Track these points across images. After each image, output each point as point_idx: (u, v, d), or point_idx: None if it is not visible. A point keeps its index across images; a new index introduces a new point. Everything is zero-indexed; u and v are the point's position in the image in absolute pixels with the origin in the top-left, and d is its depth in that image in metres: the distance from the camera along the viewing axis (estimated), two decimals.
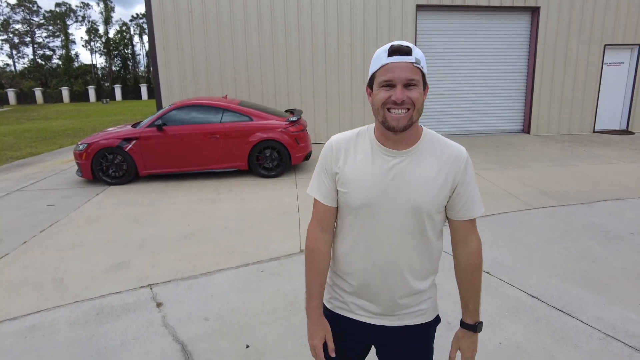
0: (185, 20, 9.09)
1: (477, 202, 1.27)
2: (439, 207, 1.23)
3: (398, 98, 1.13)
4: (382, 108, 1.17)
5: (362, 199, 1.23)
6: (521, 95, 10.63)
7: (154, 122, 6.50)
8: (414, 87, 1.15)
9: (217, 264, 3.77)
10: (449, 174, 1.22)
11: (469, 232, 1.30)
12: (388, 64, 1.15)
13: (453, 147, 1.26)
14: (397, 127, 1.16)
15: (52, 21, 57.03)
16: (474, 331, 1.34)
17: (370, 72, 1.22)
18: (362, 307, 1.34)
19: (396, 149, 1.22)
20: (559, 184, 5.99)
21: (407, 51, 1.14)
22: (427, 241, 1.27)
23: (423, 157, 1.23)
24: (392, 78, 1.14)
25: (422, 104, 1.19)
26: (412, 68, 1.14)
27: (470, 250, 1.30)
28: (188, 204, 5.56)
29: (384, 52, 1.17)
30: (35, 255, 4.08)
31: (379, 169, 1.23)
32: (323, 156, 1.32)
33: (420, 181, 1.21)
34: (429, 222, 1.24)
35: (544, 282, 3.25)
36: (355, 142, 1.29)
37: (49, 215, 5.26)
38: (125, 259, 3.94)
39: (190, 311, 3.04)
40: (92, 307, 3.15)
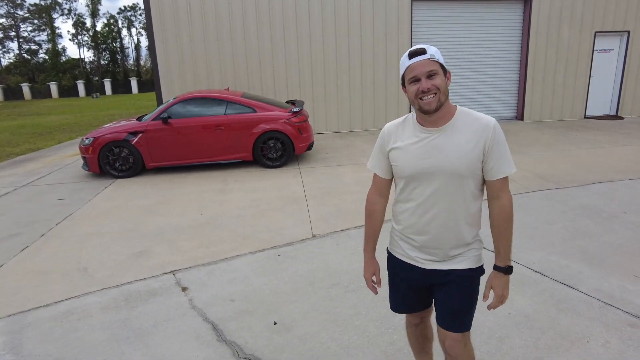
0: (184, 13, 9.13)
1: (507, 162, 1.51)
2: (474, 170, 1.49)
3: (424, 87, 1.45)
4: (416, 98, 1.49)
5: (409, 169, 1.55)
6: (514, 82, 10.85)
7: (160, 115, 6.61)
8: (435, 75, 1.46)
9: (235, 249, 3.94)
10: (479, 141, 1.48)
11: (500, 189, 1.54)
12: (410, 64, 1.48)
13: (482, 118, 1.51)
14: (430, 109, 1.47)
15: (37, 14, 55.94)
16: (504, 273, 1.58)
17: (401, 74, 1.55)
18: (418, 255, 1.64)
19: (433, 127, 1.53)
20: (554, 168, 6.23)
21: (422, 51, 1.47)
22: (467, 200, 1.53)
23: (456, 130, 1.50)
24: (416, 74, 1.47)
25: (447, 87, 1.49)
26: (429, 62, 1.46)
27: (502, 204, 1.55)
28: (198, 194, 5.71)
29: (405, 57, 1.50)
30: (56, 246, 4.21)
31: (420, 144, 1.53)
32: (379, 138, 1.68)
33: (454, 150, 1.48)
34: (467, 184, 1.51)
35: (545, 258, 3.48)
36: (402, 126, 1.62)
37: (62, 208, 5.37)
38: (145, 248, 4.09)
39: (215, 293, 3.21)
40: (120, 293, 3.30)
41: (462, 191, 1.52)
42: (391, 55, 9.97)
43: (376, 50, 9.89)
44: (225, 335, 2.70)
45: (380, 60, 9.96)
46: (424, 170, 1.52)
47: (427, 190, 1.54)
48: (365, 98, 10.05)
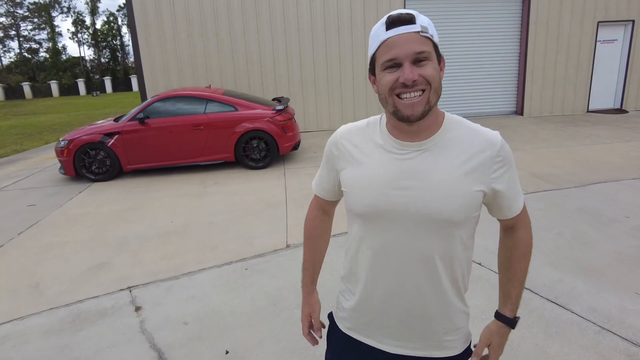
0: (167, 8, 8.80)
1: (520, 192, 1.07)
2: (471, 212, 0.98)
3: (407, 78, 0.89)
4: (391, 95, 0.93)
5: (367, 204, 1.01)
6: (513, 76, 10.45)
7: (136, 116, 6.31)
8: (426, 61, 0.91)
9: (200, 262, 3.64)
10: (480, 168, 0.97)
11: (516, 219, 1.10)
12: (388, 39, 0.91)
13: (483, 133, 1.00)
14: (412, 115, 0.92)
15: (37, 13, 55.78)
16: (511, 326, 1.15)
17: (370, 54, 0.98)
18: (370, 330, 1.13)
19: (411, 140, 0.99)
20: (552, 166, 5.88)
21: (409, 19, 0.90)
22: (453, 256, 1.03)
23: (446, 149, 0.98)
24: (396, 55, 0.90)
25: (440, 81, 0.95)
26: (419, 39, 0.90)
27: (519, 237, 1.11)
28: (173, 198, 5.41)
29: (381, 25, 0.93)
30: (13, 259, 3.94)
31: (390, 166, 1.00)
32: (327, 150, 1.16)
33: (442, 180, 0.96)
34: (456, 232, 1.00)
35: (536, 271, 3.15)
36: (363, 134, 1.08)
37: (29, 215, 5.10)
38: (105, 259, 3.81)
39: (169, 314, 2.92)
40: (68, 314, 3.02)
41: (450, 245, 1.00)
42: None
43: (368, 43, 9.50)
44: None
45: None
46: (392, 207, 0.99)
47: (392, 239, 1.01)
48: (357, 94, 9.69)
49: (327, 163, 1.17)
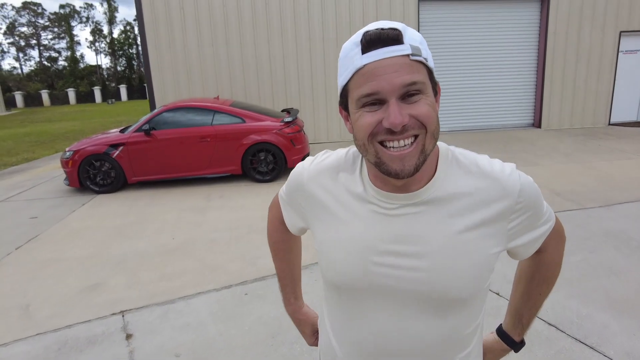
0: (177, 18, 8.75)
1: (547, 223, 0.83)
2: (482, 282, 0.76)
3: (394, 123, 0.65)
4: (371, 142, 0.70)
5: (344, 276, 0.78)
6: (531, 87, 10.13)
7: (142, 127, 6.19)
8: (419, 95, 0.68)
9: (198, 285, 3.44)
10: (493, 224, 0.74)
11: (546, 240, 0.86)
12: (366, 66, 0.67)
13: (497, 176, 0.74)
14: (402, 171, 0.68)
15: (57, 23, 57.21)
16: (514, 350, 0.99)
17: (340, 83, 0.73)
18: None
19: (400, 191, 0.75)
20: (574, 183, 5.56)
21: (394, 37, 0.66)
22: (462, 337, 0.80)
23: (446, 201, 0.74)
24: (377, 89, 0.66)
25: (437, 120, 0.71)
26: (408, 65, 0.66)
27: (544, 259, 0.89)
28: (176, 213, 5.24)
29: (354, 46, 0.69)
30: (7, 276, 3.79)
31: (373, 225, 0.76)
32: (290, 193, 0.90)
33: (444, 246, 0.73)
34: (465, 310, 0.78)
35: (561, 304, 2.87)
36: (338, 177, 0.81)
37: (29, 228, 4.98)
38: (100, 279, 3.63)
39: (161, 344, 2.71)
40: (56, 340, 2.84)
41: (457, 326, 0.78)
42: None
43: None
44: None
45: None
46: (377, 284, 0.76)
47: (376, 320, 0.79)
48: None
49: (291, 205, 0.91)
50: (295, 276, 1.11)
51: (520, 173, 0.77)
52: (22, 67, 59.81)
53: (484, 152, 7.58)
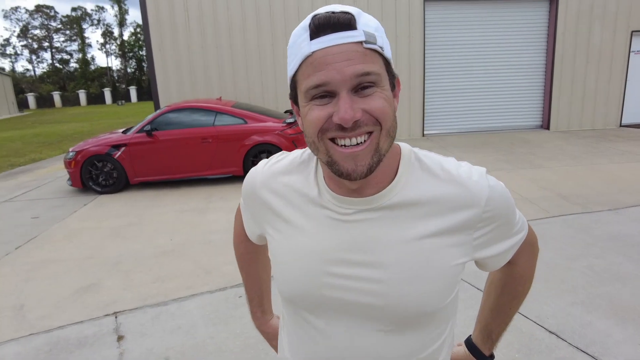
0: (181, 20, 8.77)
1: (518, 233, 0.77)
2: (446, 294, 0.69)
3: (345, 118, 0.58)
4: (321, 139, 0.63)
5: (296, 288, 0.72)
6: (539, 88, 9.97)
7: (144, 128, 6.19)
8: (373, 87, 0.61)
9: (192, 287, 3.40)
10: (457, 233, 0.68)
11: (517, 252, 0.79)
12: (314, 53, 0.60)
13: (463, 182, 0.68)
14: (354, 171, 0.62)
15: (69, 26, 58.02)
16: None
17: (289, 73, 0.66)
18: None
19: (357, 195, 0.69)
20: (581, 186, 5.43)
21: (345, 22, 0.59)
22: (426, 357, 0.74)
23: (407, 207, 0.68)
24: (326, 80, 0.59)
25: (394, 116, 0.64)
26: (361, 53, 0.59)
27: (517, 271, 0.83)
28: (175, 214, 5.22)
29: (303, 31, 0.62)
30: (3, 276, 3.79)
31: (328, 232, 0.69)
32: (246, 198, 0.83)
33: (403, 255, 0.66)
34: (430, 324, 0.71)
35: (563, 311, 2.77)
36: (292, 181, 0.75)
37: (30, 228, 4.99)
38: (96, 280, 3.61)
39: (151, 347, 2.67)
40: (47, 341, 2.81)
41: (420, 341, 0.72)
42: (402, 60, 9.30)
43: None
44: None
45: None
46: (331, 297, 0.70)
47: (333, 344, 0.72)
48: None
49: (248, 211, 0.85)
50: (263, 289, 1.04)
51: (490, 178, 0.70)
52: (34, 69, 60.74)
53: (488, 154, 7.47)
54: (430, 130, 10.01)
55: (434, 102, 9.87)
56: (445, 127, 10.06)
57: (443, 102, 9.89)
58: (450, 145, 8.67)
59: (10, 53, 60.88)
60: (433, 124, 10.00)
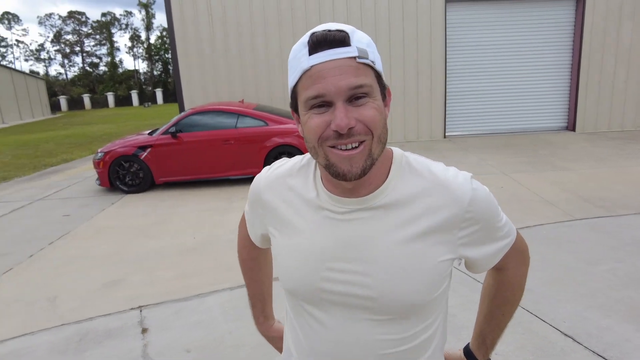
0: (205, 25, 8.99)
1: (505, 238, 0.82)
2: (433, 289, 0.75)
3: (340, 125, 0.66)
4: (321, 146, 0.70)
5: (298, 283, 0.78)
6: (564, 89, 9.75)
7: (169, 130, 6.40)
8: (365, 98, 0.67)
9: (213, 284, 3.52)
10: (441, 231, 0.74)
11: (505, 259, 0.85)
12: (312, 67, 0.67)
13: (448, 184, 0.75)
14: (349, 172, 0.69)
15: (99, 30, 59.97)
16: None
17: (290, 85, 0.74)
18: None
19: (351, 195, 0.75)
20: (607, 190, 5.31)
21: (340, 39, 0.67)
22: (418, 345, 0.79)
23: (397, 207, 0.74)
24: (323, 91, 0.66)
25: (385, 124, 0.71)
26: (354, 67, 0.67)
27: (507, 277, 0.88)
28: (198, 213, 5.38)
29: (302, 47, 0.69)
30: (37, 270, 4.01)
31: (326, 231, 0.76)
32: (251, 203, 0.91)
33: (392, 251, 0.73)
34: (419, 315, 0.77)
35: (580, 315, 2.74)
36: (293, 184, 0.82)
37: (61, 225, 5.24)
38: (122, 276, 3.78)
39: (173, 339, 2.80)
40: (77, 332, 2.98)
41: (411, 331, 0.77)
42: (423, 62, 9.28)
43: (406, 56, 9.24)
44: None
45: (411, 67, 9.30)
46: (329, 290, 0.76)
47: (332, 334, 0.78)
48: (394, 108, 9.41)
49: (253, 215, 0.92)
50: (265, 295, 1.09)
51: (475, 182, 0.76)
52: (66, 73, 63.07)
53: (510, 156, 7.37)
54: (452, 132, 9.92)
55: (456, 104, 9.79)
56: (467, 128, 9.96)
57: (465, 103, 9.80)
58: (472, 146, 8.59)
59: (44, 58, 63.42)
60: (455, 126, 9.91)
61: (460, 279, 3.26)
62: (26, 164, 10.21)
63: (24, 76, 35.23)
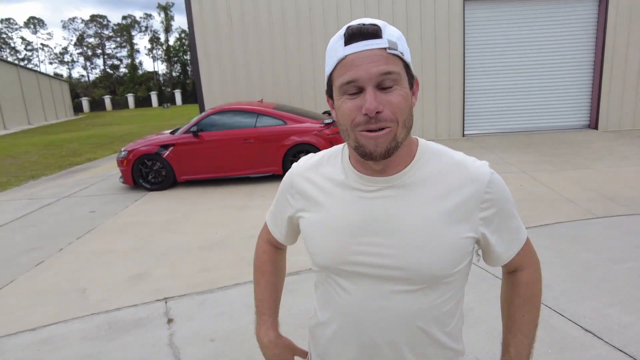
0: (225, 26, 9.15)
1: (519, 231, 0.88)
2: (455, 264, 0.81)
3: (370, 108, 0.72)
4: (352, 128, 0.77)
5: (329, 256, 0.85)
6: (587, 87, 9.58)
7: (190, 129, 6.55)
8: (394, 86, 0.74)
9: (235, 277, 3.62)
10: (463, 208, 0.80)
11: (519, 261, 0.91)
12: (347, 56, 0.75)
13: (468, 166, 0.83)
14: (375, 152, 0.76)
15: (120, 33, 61.27)
16: None
17: (326, 73, 0.81)
18: None
19: (380, 175, 0.83)
20: (630, 188, 5.22)
21: (373, 32, 0.74)
22: (440, 317, 0.85)
23: (421, 185, 0.81)
24: (356, 77, 0.73)
25: (410, 111, 0.78)
26: (385, 57, 0.74)
27: (520, 278, 0.93)
28: (219, 210, 5.51)
29: (339, 38, 0.77)
30: (67, 263, 4.18)
31: (355, 208, 0.83)
32: (282, 190, 0.99)
33: (418, 226, 0.79)
34: (440, 289, 0.82)
35: (600, 311, 2.74)
36: (323, 170, 0.91)
37: (88, 221, 5.43)
38: (147, 269, 3.91)
39: (198, 329, 2.90)
40: (106, 321, 3.11)
41: (432, 304, 0.83)
42: (441, 61, 9.25)
43: (424, 55, 9.22)
44: None
45: (429, 66, 9.28)
46: (358, 262, 0.82)
47: (361, 297, 0.84)
48: None
49: (280, 203, 1.00)
50: (277, 303, 1.09)
51: (492, 171, 0.83)
52: (88, 75, 64.63)
53: (529, 154, 7.30)
54: (471, 130, 9.86)
55: (475, 102, 9.72)
56: (486, 127, 9.88)
57: (484, 102, 9.72)
58: (491, 145, 8.52)
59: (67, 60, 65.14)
60: (473, 124, 9.84)
61: (480, 276, 3.28)
62: (52, 163, 10.55)
63: (49, 79, 36.30)
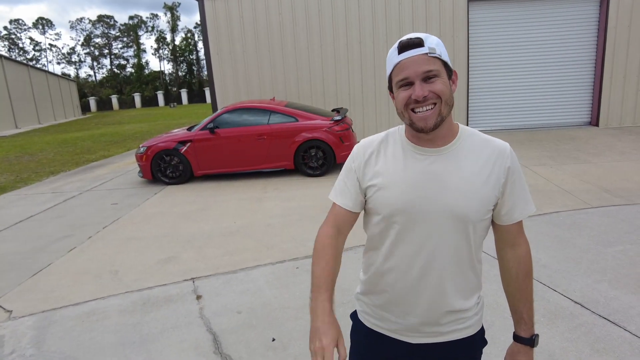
0: (237, 26, 9.47)
1: (527, 200, 1.16)
2: (484, 212, 1.11)
3: (418, 95, 1.04)
4: (406, 109, 1.08)
5: (394, 205, 1.13)
6: (588, 84, 9.82)
7: (207, 126, 6.88)
8: (435, 78, 1.05)
9: (256, 259, 3.94)
10: (492, 172, 1.11)
11: (517, 233, 1.19)
12: (400, 61, 1.07)
13: (495, 142, 1.15)
14: (425, 127, 1.07)
15: (126, 33, 61.79)
16: (531, 345, 1.20)
17: (387, 74, 1.14)
18: (397, 324, 1.22)
19: (430, 146, 1.13)
20: (626, 181, 5.49)
21: (417, 43, 1.05)
22: (470, 253, 1.15)
23: (462, 155, 1.12)
24: (407, 75, 1.06)
25: (451, 94, 1.10)
26: (427, 59, 1.05)
27: (520, 254, 1.19)
28: (236, 202, 5.83)
29: (394, 49, 1.10)
30: (98, 249, 4.51)
31: (411, 170, 1.13)
32: (350, 160, 1.23)
33: (460, 183, 1.09)
34: (472, 231, 1.12)
35: (590, 287, 3.03)
36: (385, 144, 1.20)
37: (112, 212, 5.77)
38: (174, 254, 4.24)
39: (225, 304, 3.21)
40: (140, 298, 3.43)
41: (466, 241, 1.13)
42: None
43: None
44: (223, 347, 2.67)
45: None
46: (416, 207, 1.11)
47: (416, 236, 1.12)
48: None
49: (348, 174, 1.21)
50: (332, 278, 1.16)
51: (511, 148, 1.16)
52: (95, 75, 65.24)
53: (532, 150, 7.56)
54: (475, 127, 10.10)
55: (478, 100, 9.98)
56: (490, 124, 10.14)
57: (487, 99, 9.98)
58: None
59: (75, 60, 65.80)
60: (477, 121, 10.11)
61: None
62: (69, 160, 10.93)
63: (58, 78, 36.81)
